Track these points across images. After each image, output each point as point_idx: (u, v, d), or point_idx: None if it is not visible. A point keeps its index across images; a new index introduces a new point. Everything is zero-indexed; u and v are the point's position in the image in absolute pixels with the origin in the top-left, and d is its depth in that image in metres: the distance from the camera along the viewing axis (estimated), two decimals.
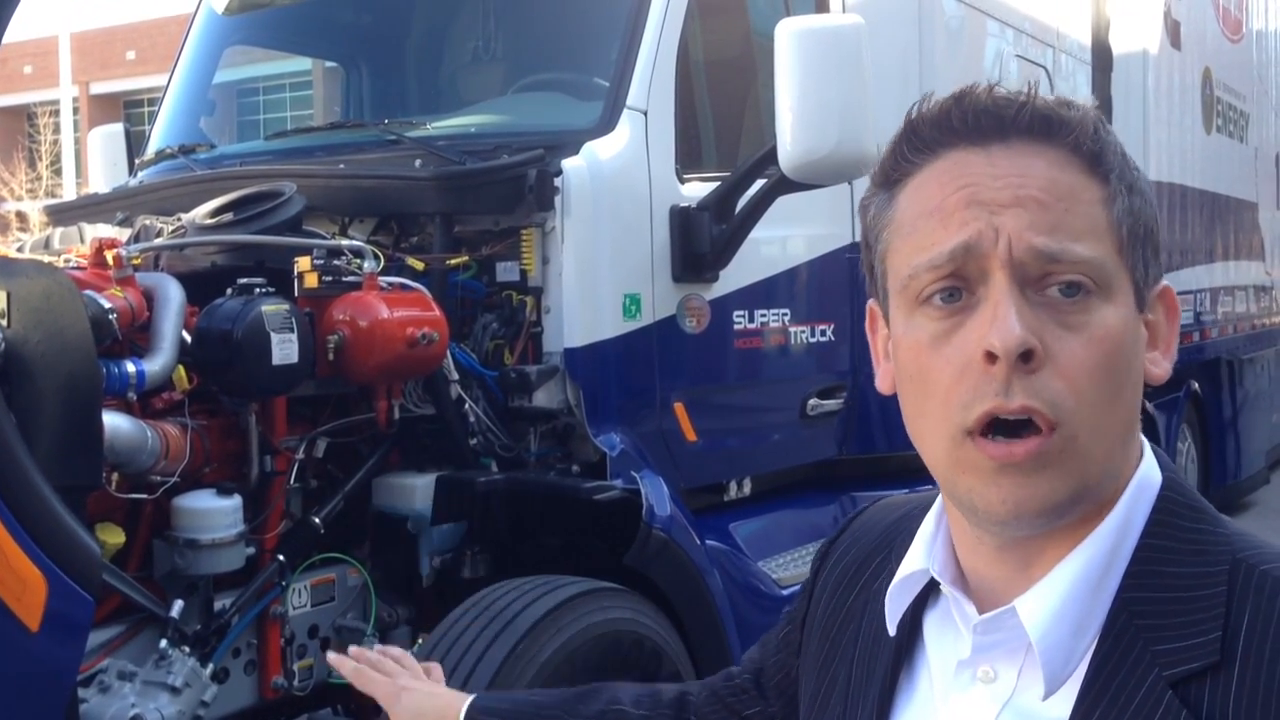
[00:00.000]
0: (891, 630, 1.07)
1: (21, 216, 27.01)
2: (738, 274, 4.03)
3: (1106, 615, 0.94)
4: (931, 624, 1.06)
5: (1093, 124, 0.95)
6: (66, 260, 3.34)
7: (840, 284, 4.50)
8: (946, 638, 1.04)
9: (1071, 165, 0.94)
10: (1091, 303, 0.92)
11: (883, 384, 1.06)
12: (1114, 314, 0.93)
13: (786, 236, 4.33)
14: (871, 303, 1.07)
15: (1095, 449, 0.92)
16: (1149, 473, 0.99)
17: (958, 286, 0.94)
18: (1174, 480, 1.00)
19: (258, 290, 3.15)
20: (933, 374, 0.94)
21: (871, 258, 1.04)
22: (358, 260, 3.37)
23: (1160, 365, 1.00)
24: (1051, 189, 0.93)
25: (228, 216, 3.56)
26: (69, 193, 24.54)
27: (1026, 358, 0.89)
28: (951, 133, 0.96)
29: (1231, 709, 0.87)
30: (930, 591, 1.06)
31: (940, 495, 1.04)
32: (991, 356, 0.90)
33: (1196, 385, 8.57)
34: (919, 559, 1.04)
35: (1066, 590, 0.94)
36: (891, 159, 1.00)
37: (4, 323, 2.48)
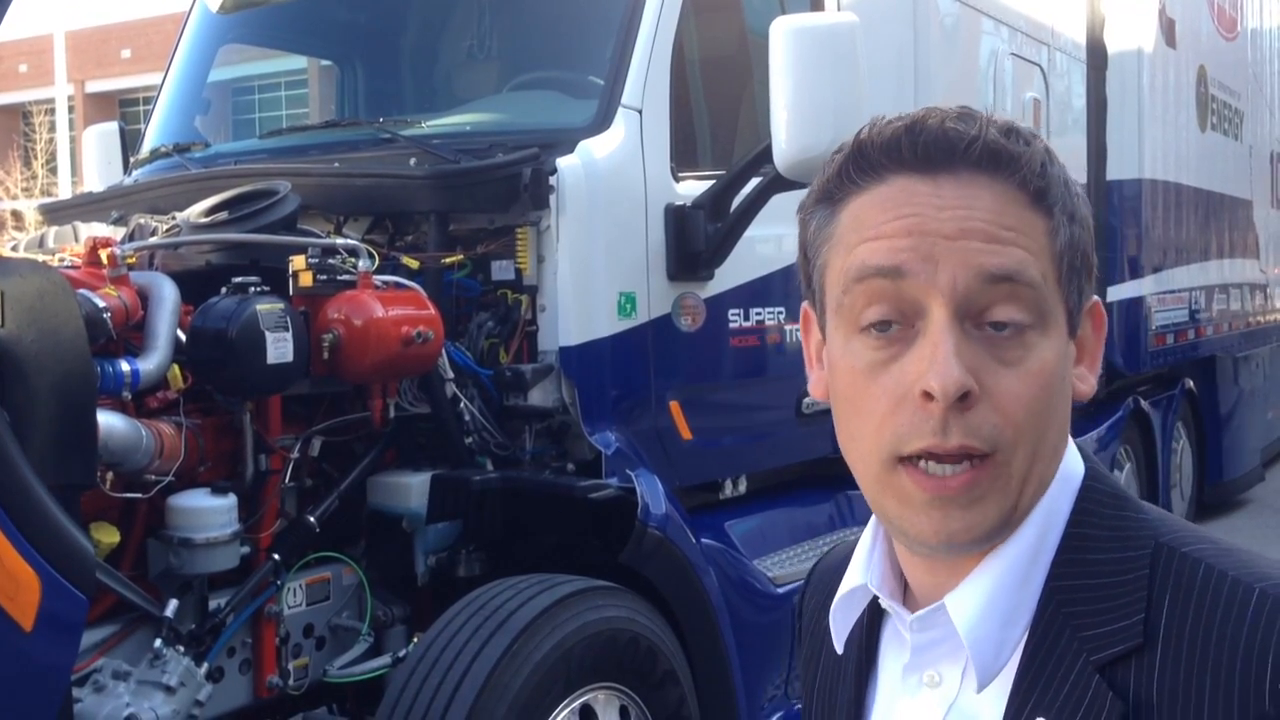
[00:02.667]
0: (839, 647, 1.08)
1: (16, 215, 26.96)
2: (733, 272, 4.03)
3: (1036, 605, 0.96)
4: (885, 641, 1.08)
5: (1040, 159, 0.95)
6: (61, 259, 3.34)
7: None
8: (897, 650, 1.06)
9: (1018, 199, 0.94)
10: (1028, 338, 0.93)
11: (816, 390, 1.06)
12: (1049, 347, 0.94)
13: (782, 235, 4.33)
14: (805, 305, 1.08)
15: (1028, 474, 0.94)
16: (1071, 465, 1.00)
17: (892, 319, 0.94)
18: (1095, 470, 1.02)
19: (252, 289, 3.14)
20: (867, 402, 0.95)
21: (809, 269, 1.04)
22: (352, 259, 3.37)
23: (1086, 381, 1.01)
24: (998, 220, 0.93)
25: (222, 215, 3.56)
26: (64, 191, 24.51)
27: (964, 398, 0.90)
28: (899, 160, 0.96)
29: (1156, 689, 0.89)
30: (884, 611, 1.08)
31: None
32: (929, 395, 0.90)
33: (1191, 383, 8.59)
34: (857, 574, 1.06)
35: (993, 584, 0.96)
36: (836, 178, 1.00)
37: None
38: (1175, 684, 0.89)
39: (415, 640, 3.27)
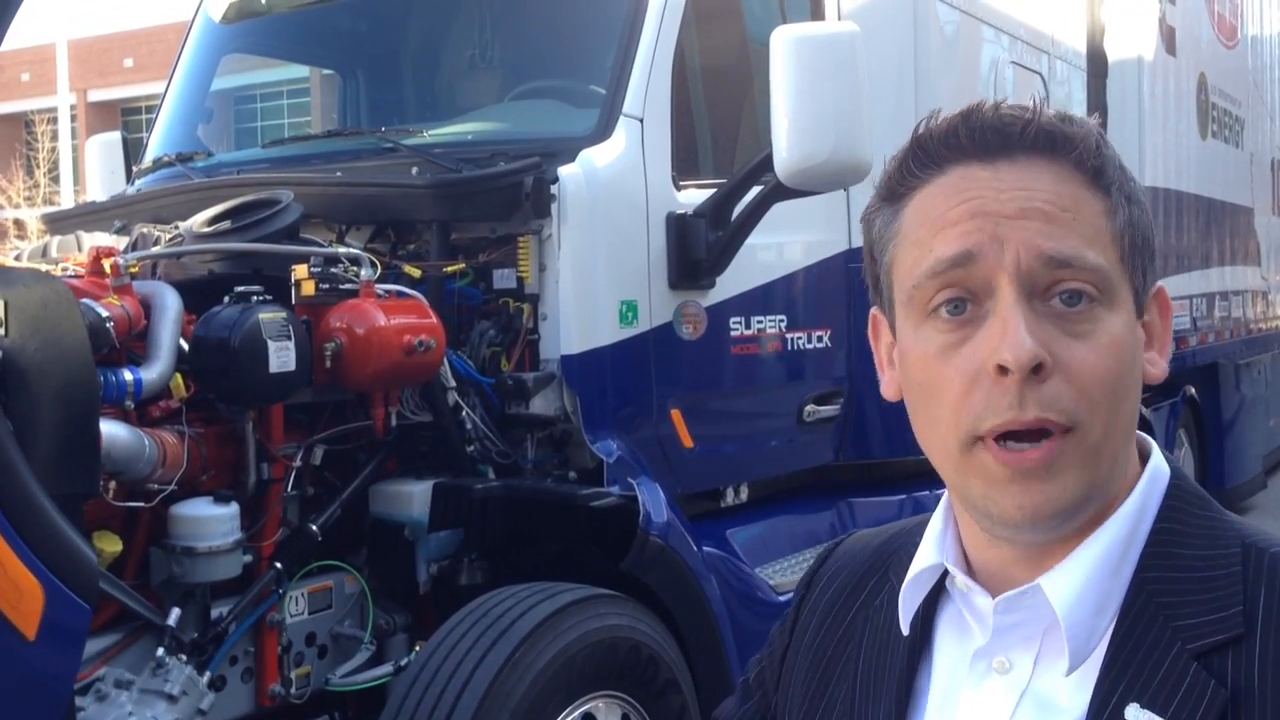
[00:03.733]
0: (905, 629, 1.08)
1: (19, 224, 27.01)
2: (734, 280, 4.04)
3: (1125, 595, 0.97)
4: (943, 625, 1.08)
5: (1095, 139, 0.98)
6: (64, 268, 3.35)
7: (837, 290, 4.51)
8: (959, 635, 1.06)
9: (1075, 179, 0.96)
10: (1096, 311, 0.95)
11: (888, 390, 1.08)
12: (1118, 321, 0.96)
13: (783, 243, 4.34)
14: (875, 310, 1.09)
15: (1104, 450, 0.95)
16: (1160, 464, 1.03)
17: (964, 298, 0.96)
18: (1180, 472, 1.04)
19: (255, 298, 3.15)
20: (942, 384, 0.96)
21: (877, 269, 1.05)
22: (355, 268, 3.37)
23: (1158, 365, 1.03)
24: (1057, 200, 0.95)
25: (225, 224, 3.57)
26: (66, 201, 24.55)
27: (1037, 370, 0.92)
28: (958, 149, 0.98)
29: (1258, 676, 0.91)
30: (940, 596, 1.08)
31: (945, 495, 1.07)
32: (1003, 370, 0.92)
33: (1193, 390, 8.58)
34: (931, 554, 1.06)
35: (1088, 570, 0.97)
36: (898, 174, 1.02)
37: (1, 331, 2.48)
38: (1278, 672, 0.91)
39: (417, 649, 3.27)
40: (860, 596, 1.18)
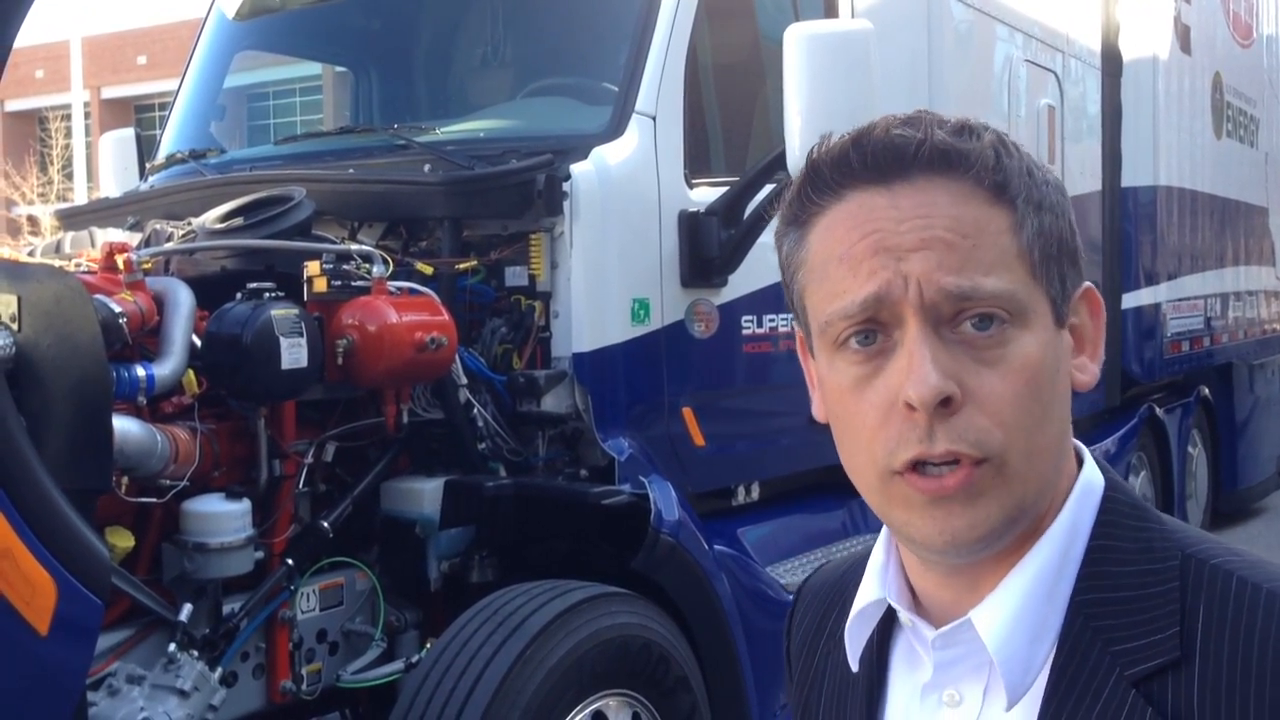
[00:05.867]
0: (854, 665, 1.06)
1: (33, 220, 27.12)
2: (746, 279, 4.03)
3: (1062, 621, 0.94)
4: (896, 658, 1.06)
5: (993, 153, 0.94)
6: (77, 264, 3.36)
7: None
8: (910, 667, 1.04)
9: (975, 197, 0.93)
10: (1007, 334, 0.92)
11: (817, 412, 1.05)
12: (1031, 340, 0.93)
13: None
14: (798, 328, 1.07)
15: (1027, 471, 0.93)
16: (1091, 477, 0.99)
17: (873, 329, 0.94)
18: (1115, 482, 1.01)
19: (267, 295, 3.16)
20: (857, 418, 0.95)
21: (790, 295, 1.04)
22: (367, 265, 3.38)
23: (1087, 370, 1.00)
24: (956, 226, 0.92)
25: (238, 221, 3.57)
26: (80, 197, 24.62)
27: (945, 403, 0.90)
28: (852, 174, 0.95)
29: (1196, 703, 0.88)
30: (894, 627, 1.06)
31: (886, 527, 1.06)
32: (912, 406, 0.90)
33: (1207, 390, 8.55)
34: (873, 589, 1.04)
35: (1020, 598, 0.95)
36: (798, 200, 0.99)
37: (15, 327, 2.49)
38: (1217, 697, 0.88)
39: (428, 646, 3.27)
40: (822, 637, 1.17)
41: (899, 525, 0.96)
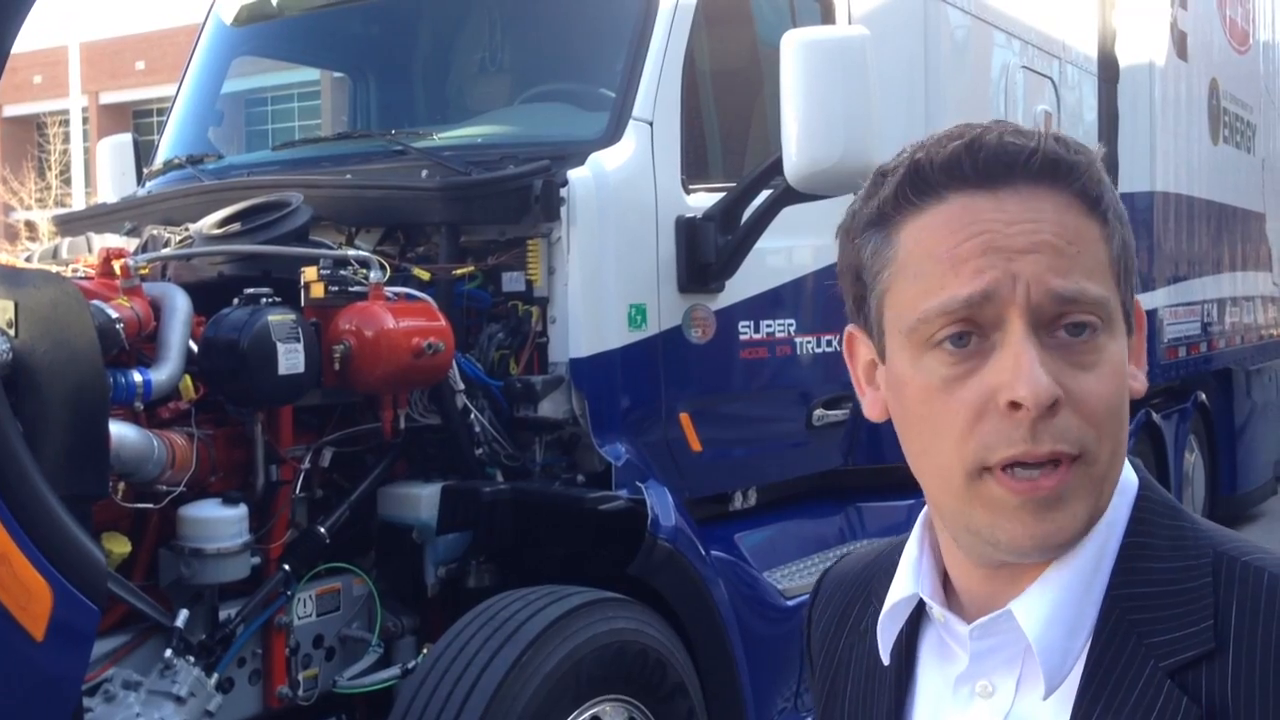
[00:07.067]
0: (885, 658, 1.08)
1: (30, 226, 27.09)
2: (743, 284, 4.04)
3: (1098, 614, 0.97)
4: (925, 651, 1.08)
5: (1098, 167, 0.97)
6: (74, 270, 3.35)
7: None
8: (941, 660, 1.06)
9: (1076, 208, 0.96)
10: (1100, 340, 0.94)
11: (872, 411, 1.06)
12: (1117, 347, 0.96)
13: (792, 247, 4.34)
14: (851, 328, 1.07)
15: (1110, 472, 0.96)
16: (1126, 475, 1.02)
17: (969, 331, 0.94)
18: (1147, 481, 1.04)
19: (264, 300, 3.16)
20: (945, 416, 0.95)
21: (864, 292, 1.03)
22: (364, 270, 3.38)
23: (1139, 379, 1.02)
24: (1063, 233, 0.94)
25: (235, 227, 3.57)
26: (78, 202, 24.63)
27: (1051, 405, 0.92)
28: (961, 177, 0.96)
29: (1230, 692, 0.91)
30: (922, 620, 1.08)
31: (920, 522, 1.07)
32: (1016, 405, 0.91)
33: (1204, 396, 8.55)
34: (907, 584, 1.06)
35: (1060, 591, 0.97)
36: (892, 199, 0.99)
37: (12, 332, 2.49)
38: (1251, 686, 0.91)
39: (425, 651, 3.27)
40: (846, 627, 1.18)
41: (981, 527, 0.96)
